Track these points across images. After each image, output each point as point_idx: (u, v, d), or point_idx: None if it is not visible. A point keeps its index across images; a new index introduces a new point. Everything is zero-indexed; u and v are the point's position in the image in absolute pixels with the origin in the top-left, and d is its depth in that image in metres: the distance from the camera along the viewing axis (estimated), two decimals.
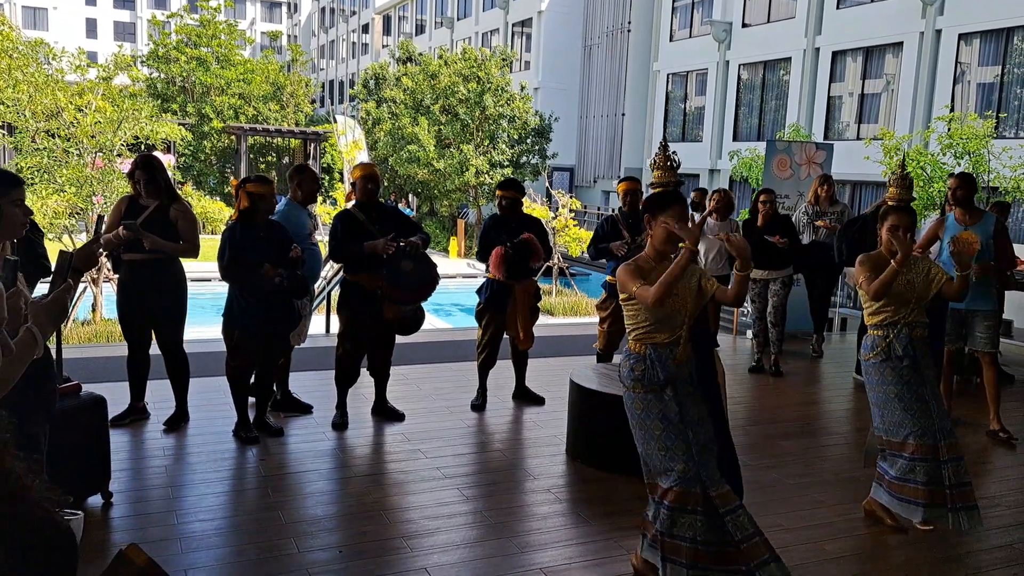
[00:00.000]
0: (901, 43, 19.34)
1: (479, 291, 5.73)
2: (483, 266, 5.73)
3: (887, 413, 3.86)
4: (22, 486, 1.05)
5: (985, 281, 5.37)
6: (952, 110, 15.55)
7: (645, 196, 3.17)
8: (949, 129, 13.25)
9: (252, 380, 4.97)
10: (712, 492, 3.00)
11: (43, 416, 2.88)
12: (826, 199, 7.55)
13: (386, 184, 27.57)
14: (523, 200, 5.81)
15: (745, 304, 9.56)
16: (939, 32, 18.46)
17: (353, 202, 5.20)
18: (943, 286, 3.82)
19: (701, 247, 7.19)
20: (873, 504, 4.02)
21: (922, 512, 3.74)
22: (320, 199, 27.22)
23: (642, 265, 3.14)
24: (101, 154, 12.48)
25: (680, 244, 3.03)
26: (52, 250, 5.23)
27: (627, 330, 3.23)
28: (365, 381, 5.47)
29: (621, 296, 3.19)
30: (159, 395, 5.27)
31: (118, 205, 4.93)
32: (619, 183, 6.43)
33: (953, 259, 3.91)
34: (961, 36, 18.10)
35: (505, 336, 5.76)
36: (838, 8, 21.13)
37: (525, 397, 5.92)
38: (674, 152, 3.39)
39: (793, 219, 7.47)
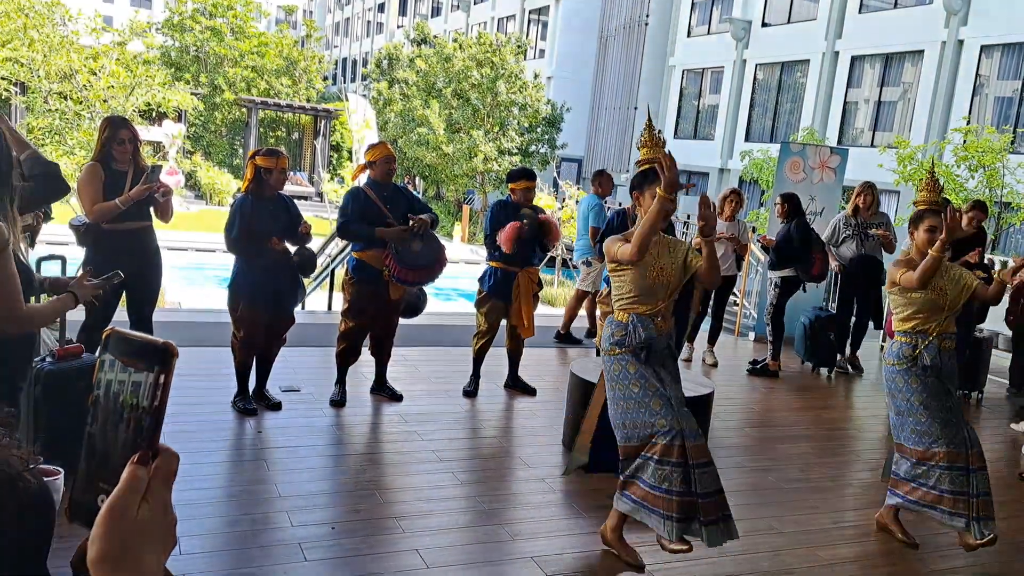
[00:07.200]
0: (922, 51, 19.22)
1: (481, 279, 5.69)
2: (485, 252, 5.69)
3: (912, 421, 3.77)
4: None
5: None
6: (969, 122, 15.47)
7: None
8: (965, 141, 13.19)
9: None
10: (689, 443, 3.16)
11: (27, 369, 2.88)
12: (865, 208, 6.91)
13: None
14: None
15: (744, 304, 9.54)
16: (961, 42, 18.33)
17: (365, 180, 5.17)
18: (976, 289, 3.79)
19: None
20: (886, 517, 3.97)
21: (964, 522, 3.65)
22: (327, 177, 27.25)
23: (628, 238, 3.31)
24: None
25: (659, 190, 3.15)
26: (61, 213, 5.19)
27: (613, 301, 3.41)
28: (365, 360, 5.46)
29: (608, 266, 3.38)
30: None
31: (95, 173, 4.45)
32: None
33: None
34: (983, 48, 17.97)
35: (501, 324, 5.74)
36: (860, 12, 20.99)
37: (517, 387, 5.91)
38: (660, 131, 3.48)
39: (830, 230, 7.16)
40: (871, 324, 7.39)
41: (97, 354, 0.78)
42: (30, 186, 3.25)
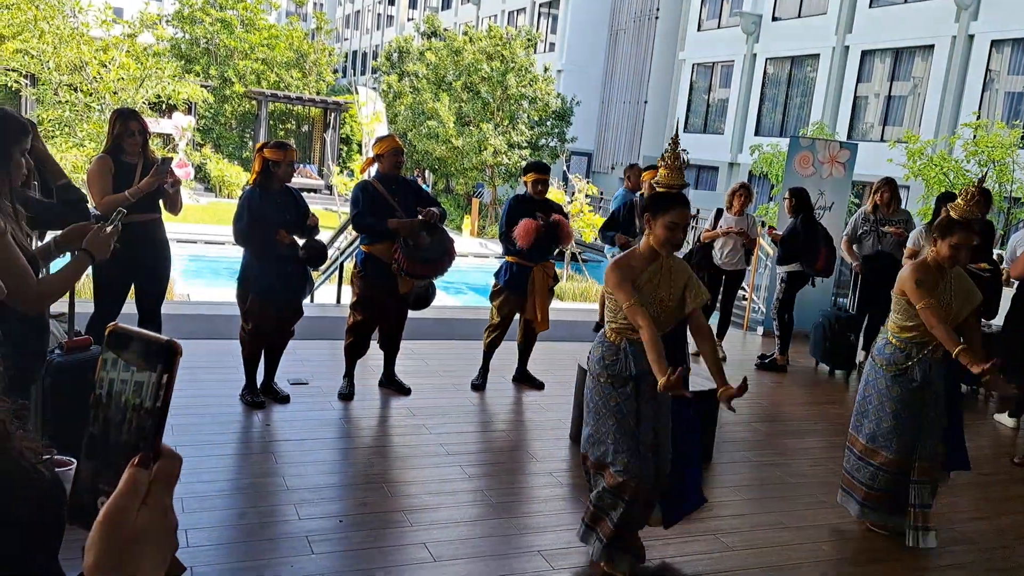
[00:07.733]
0: (932, 46, 19.09)
1: (497, 273, 5.69)
2: (496, 247, 5.69)
3: (875, 423, 3.82)
4: (4, 431, 0.99)
5: None
6: (979, 117, 15.37)
7: (647, 195, 3.20)
8: (975, 136, 13.11)
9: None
10: (641, 487, 3.18)
11: (40, 362, 2.89)
12: (885, 205, 6.75)
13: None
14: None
15: (752, 298, 9.52)
16: (971, 37, 18.20)
17: (373, 173, 5.17)
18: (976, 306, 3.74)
19: (717, 242, 7.11)
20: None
21: (858, 509, 3.85)
22: (337, 169, 27.26)
23: (634, 265, 3.13)
24: None
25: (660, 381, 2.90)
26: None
27: (606, 319, 3.27)
28: (373, 353, 5.48)
29: (606, 289, 3.21)
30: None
31: (105, 165, 4.44)
32: (645, 170, 6.38)
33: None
34: (994, 42, 17.84)
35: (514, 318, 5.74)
36: (870, 7, 20.86)
37: (525, 381, 5.92)
38: (684, 150, 3.32)
39: (850, 226, 6.98)
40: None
41: (100, 352, 0.77)
42: (52, 204, 3.33)
